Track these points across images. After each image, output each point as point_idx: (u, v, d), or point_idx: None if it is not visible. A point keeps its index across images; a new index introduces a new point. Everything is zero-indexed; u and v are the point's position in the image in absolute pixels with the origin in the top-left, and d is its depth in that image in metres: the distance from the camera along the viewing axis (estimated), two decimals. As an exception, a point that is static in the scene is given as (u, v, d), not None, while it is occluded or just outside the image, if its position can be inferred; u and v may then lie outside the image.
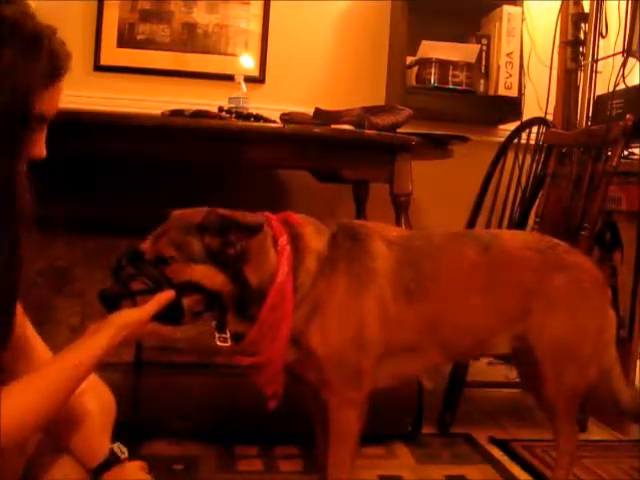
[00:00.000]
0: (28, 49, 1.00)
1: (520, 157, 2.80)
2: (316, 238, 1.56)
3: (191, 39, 3.00)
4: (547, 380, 1.71)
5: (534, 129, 2.84)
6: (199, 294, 1.40)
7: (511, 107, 3.01)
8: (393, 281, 1.58)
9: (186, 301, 1.36)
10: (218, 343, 1.47)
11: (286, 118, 2.30)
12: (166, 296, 1.31)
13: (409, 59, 2.95)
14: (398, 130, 2.30)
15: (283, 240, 1.50)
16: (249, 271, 1.44)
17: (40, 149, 1.07)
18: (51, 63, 1.04)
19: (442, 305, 1.63)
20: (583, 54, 2.97)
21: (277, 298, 1.46)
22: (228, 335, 1.47)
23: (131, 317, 1.25)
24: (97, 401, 1.33)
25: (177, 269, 1.37)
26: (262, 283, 1.45)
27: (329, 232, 1.59)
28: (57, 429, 1.23)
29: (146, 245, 1.42)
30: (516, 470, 2.11)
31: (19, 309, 1.14)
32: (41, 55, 1.02)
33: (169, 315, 1.32)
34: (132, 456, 1.38)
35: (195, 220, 1.41)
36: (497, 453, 2.24)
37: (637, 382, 2.51)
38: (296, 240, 1.53)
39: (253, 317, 1.47)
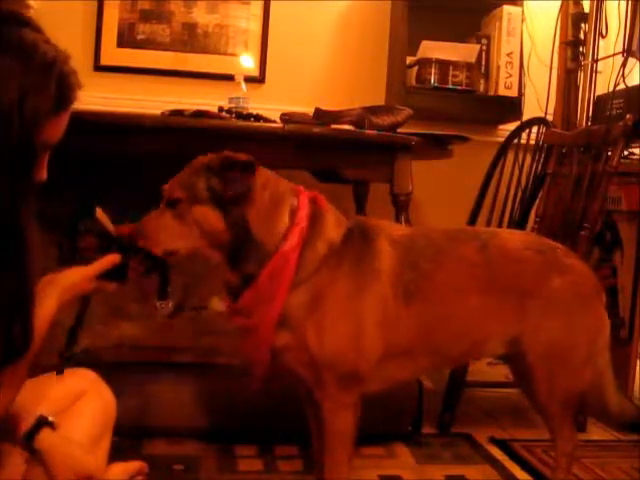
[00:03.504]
0: (38, 78, 0.98)
1: (520, 157, 2.80)
2: (334, 227, 1.55)
3: (191, 39, 3.00)
4: (539, 384, 1.69)
5: (534, 129, 2.84)
6: (144, 256, 1.45)
7: (511, 107, 3.02)
8: (394, 282, 1.57)
9: (131, 262, 1.41)
10: (159, 310, 1.50)
11: (286, 118, 2.30)
12: (110, 259, 1.35)
13: (409, 59, 2.95)
14: (398, 130, 2.30)
15: (302, 213, 1.50)
16: (252, 216, 1.46)
17: (41, 173, 1.06)
18: (60, 93, 1.02)
19: (439, 307, 1.62)
20: (583, 54, 2.98)
21: (278, 265, 1.46)
22: (170, 304, 1.49)
23: (75, 277, 1.28)
24: (98, 401, 1.33)
25: (184, 210, 1.45)
26: (264, 237, 1.46)
27: (347, 225, 1.58)
28: None
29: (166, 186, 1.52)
30: (516, 470, 2.11)
31: None
32: (50, 85, 1.00)
33: (113, 275, 1.36)
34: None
35: (204, 161, 1.48)
36: (497, 453, 2.24)
37: (637, 382, 2.52)
38: (315, 221, 1.53)
39: (249, 274, 1.47)
